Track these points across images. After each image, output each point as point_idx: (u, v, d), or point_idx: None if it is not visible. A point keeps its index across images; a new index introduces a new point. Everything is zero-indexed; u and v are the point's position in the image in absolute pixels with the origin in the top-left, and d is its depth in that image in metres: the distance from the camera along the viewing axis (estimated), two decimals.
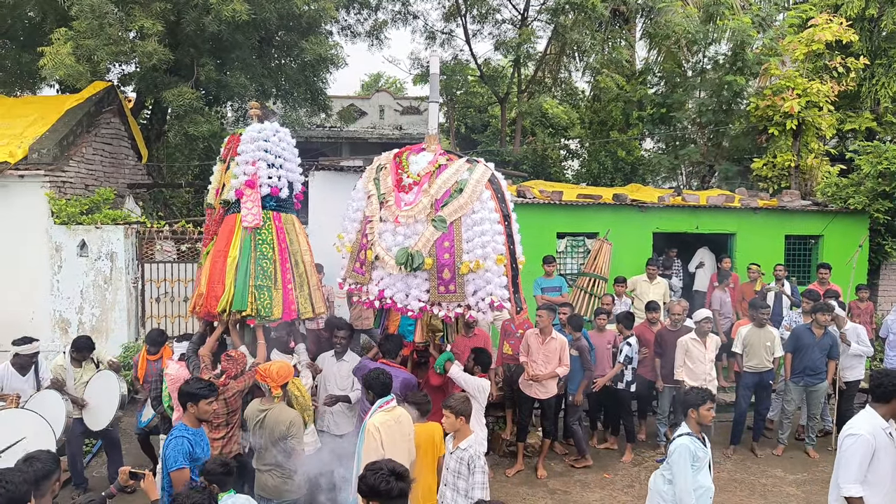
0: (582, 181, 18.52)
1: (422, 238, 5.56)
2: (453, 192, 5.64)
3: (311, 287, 6.18)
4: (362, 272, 5.95)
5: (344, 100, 21.84)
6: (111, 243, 9.63)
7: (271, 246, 5.92)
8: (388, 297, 5.70)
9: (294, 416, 5.09)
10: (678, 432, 4.85)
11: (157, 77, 11.79)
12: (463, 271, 5.47)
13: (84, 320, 9.65)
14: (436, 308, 5.59)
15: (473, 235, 5.54)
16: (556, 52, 19.04)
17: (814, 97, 13.10)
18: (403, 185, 5.86)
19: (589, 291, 10.01)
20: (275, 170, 6.04)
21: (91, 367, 7.01)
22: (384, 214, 5.83)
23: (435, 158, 5.94)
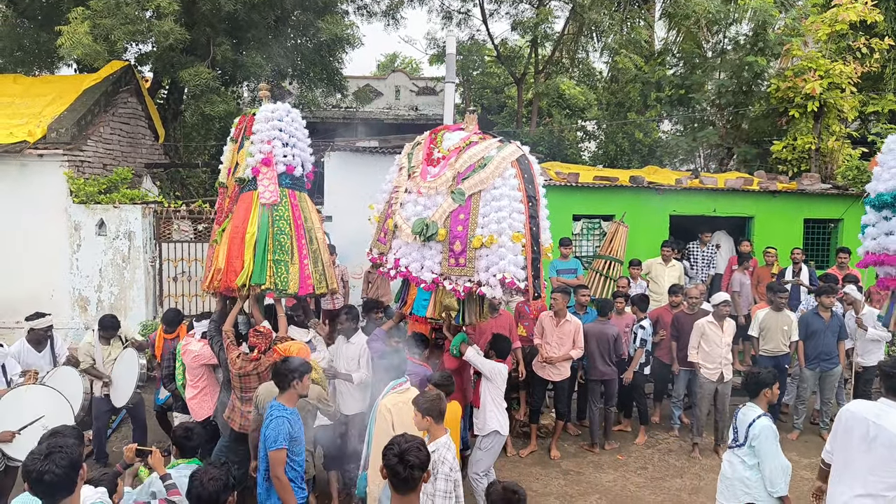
0: (599, 163, 18.39)
1: (439, 209, 5.58)
2: (477, 166, 5.60)
3: (324, 264, 6.23)
4: (384, 241, 6.02)
5: (359, 80, 21.75)
6: (129, 222, 9.72)
7: (288, 222, 5.98)
8: (403, 265, 5.74)
9: (319, 390, 5.14)
10: (753, 413, 4.64)
11: (173, 57, 11.82)
12: (475, 245, 5.43)
13: (103, 298, 9.77)
14: (447, 282, 5.56)
15: (490, 210, 5.48)
16: (573, 32, 18.82)
17: (836, 78, 12.87)
18: (433, 159, 5.89)
19: (605, 274, 9.97)
20: (289, 148, 6.12)
21: (118, 344, 7.15)
22: (409, 185, 5.90)
23: (468, 136, 5.93)
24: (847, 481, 4.20)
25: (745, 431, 4.60)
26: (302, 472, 4.53)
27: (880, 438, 4.04)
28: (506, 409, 6.16)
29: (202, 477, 3.37)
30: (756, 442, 4.53)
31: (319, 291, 6.19)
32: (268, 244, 5.83)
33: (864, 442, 4.11)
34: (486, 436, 5.95)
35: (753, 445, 4.55)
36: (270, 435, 4.29)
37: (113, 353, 7.05)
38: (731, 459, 4.72)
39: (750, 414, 4.67)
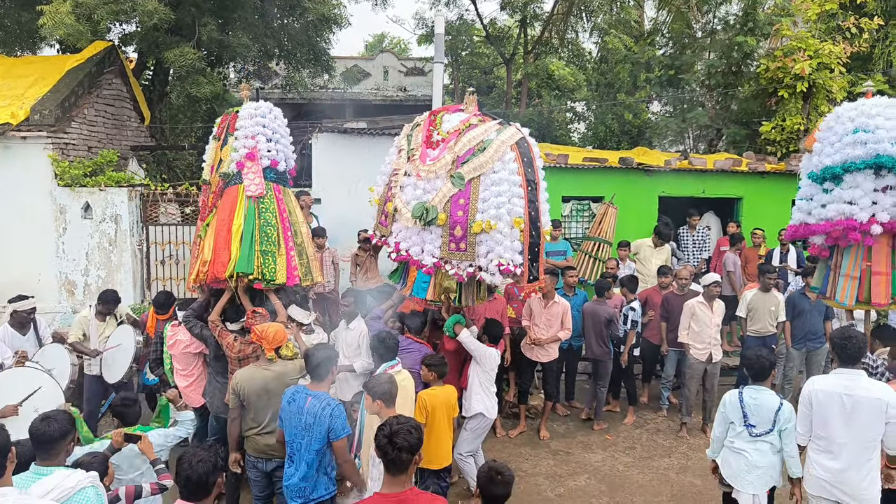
0: (588, 144, 18.38)
1: (439, 193, 5.55)
2: (476, 150, 5.57)
3: (308, 258, 6.32)
4: (385, 224, 6.03)
5: (347, 60, 21.57)
6: (115, 205, 9.62)
7: (274, 214, 6.07)
8: (403, 249, 5.74)
9: (300, 365, 5.10)
10: (772, 398, 4.64)
11: (158, 37, 11.64)
12: (475, 230, 5.41)
13: (90, 282, 9.69)
14: (448, 266, 5.57)
15: (490, 195, 5.45)
16: (563, 12, 18.71)
17: (825, 59, 12.86)
18: (432, 142, 5.86)
19: (594, 256, 9.99)
20: (273, 144, 6.28)
21: (113, 322, 7.23)
22: (409, 168, 5.87)
23: (468, 118, 5.88)
24: (833, 457, 4.37)
25: (772, 417, 4.59)
26: None
27: (859, 407, 4.26)
28: (495, 393, 6.19)
29: (191, 459, 3.35)
30: (788, 426, 4.59)
31: (305, 284, 6.26)
32: (255, 235, 5.90)
33: (842, 415, 4.30)
34: (472, 417, 6.02)
35: (784, 429, 4.59)
36: (338, 424, 4.25)
37: (107, 330, 7.10)
38: (759, 448, 4.65)
39: (769, 399, 4.66)
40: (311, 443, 4.28)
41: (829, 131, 5.61)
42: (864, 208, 5.23)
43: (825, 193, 5.56)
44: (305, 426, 4.30)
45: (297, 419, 4.33)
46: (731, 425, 4.78)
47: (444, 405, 5.17)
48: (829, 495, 4.44)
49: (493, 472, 3.42)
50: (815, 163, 5.66)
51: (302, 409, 4.34)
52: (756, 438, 4.64)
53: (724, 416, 4.81)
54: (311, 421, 4.28)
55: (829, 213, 5.42)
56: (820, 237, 5.54)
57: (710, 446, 5.02)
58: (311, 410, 4.29)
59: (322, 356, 4.52)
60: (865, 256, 5.39)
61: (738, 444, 4.73)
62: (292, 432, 4.37)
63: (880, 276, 5.31)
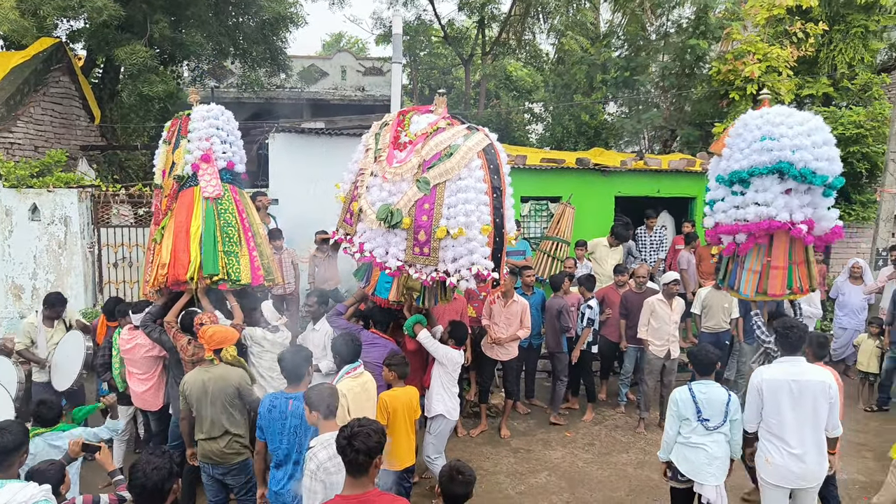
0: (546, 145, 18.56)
1: (404, 197, 5.52)
2: (443, 155, 5.54)
3: (267, 258, 6.33)
4: (350, 223, 5.98)
5: (304, 60, 21.33)
6: (64, 207, 9.34)
7: (233, 215, 6.05)
8: (367, 250, 5.70)
9: (241, 373, 5.08)
10: (720, 392, 4.80)
11: (107, 34, 11.34)
12: (438, 235, 5.40)
13: (38, 286, 9.39)
14: (412, 269, 5.55)
15: (456, 202, 5.43)
16: (520, 13, 18.86)
17: (774, 62, 13.25)
18: (400, 143, 5.82)
19: (552, 255, 10.09)
20: (228, 146, 6.28)
21: (62, 327, 6.96)
22: (375, 169, 5.82)
23: (436, 121, 5.86)
24: (791, 444, 4.57)
25: (723, 409, 4.75)
26: None
27: (806, 392, 4.53)
28: (457, 394, 6.19)
29: (144, 468, 3.23)
30: (737, 416, 4.78)
31: (268, 283, 6.25)
32: (216, 236, 5.86)
33: (791, 401, 4.55)
34: (433, 418, 6.01)
35: (734, 419, 4.78)
36: None
37: (56, 335, 6.85)
38: (716, 439, 4.78)
39: (718, 392, 4.81)
40: (303, 443, 4.20)
41: (738, 138, 5.86)
42: (779, 209, 5.51)
43: (735, 196, 5.81)
44: (292, 429, 4.25)
45: (281, 424, 4.27)
46: (684, 422, 4.85)
47: (405, 406, 5.16)
48: (788, 483, 4.61)
49: (454, 472, 3.43)
50: (724, 167, 5.91)
51: (285, 413, 4.27)
52: (712, 431, 4.76)
53: (676, 414, 4.87)
54: (298, 422, 4.23)
55: (748, 214, 5.66)
56: (743, 235, 5.76)
57: (661, 448, 5.08)
58: (296, 412, 4.23)
59: (297, 358, 4.48)
60: (767, 252, 5.74)
61: (696, 438, 4.81)
62: (277, 438, 4.29)
63: (778, 270, 5.68)
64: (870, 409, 8.46)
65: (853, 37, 14.08)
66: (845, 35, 14.22)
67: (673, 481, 5.01)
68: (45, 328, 6.83)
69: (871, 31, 14.13)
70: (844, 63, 14.24)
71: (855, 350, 8.94)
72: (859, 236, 12.49)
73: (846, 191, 12.22)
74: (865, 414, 8.37)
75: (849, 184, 12.06)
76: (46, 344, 6.77)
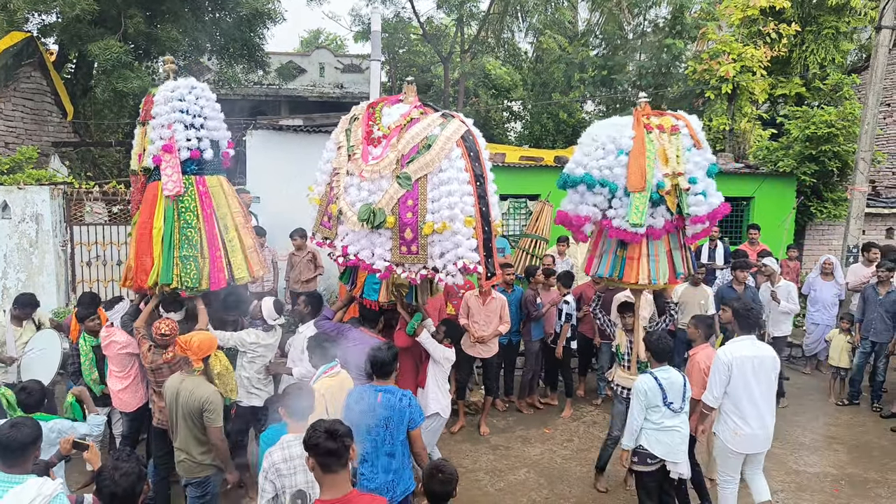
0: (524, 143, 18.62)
1: (385, 195, 5.34)
2: (421, 147, 5.36)
3: (246, 249, 5.91)
4: (329, 226, 5.78)
5: (282, 56, 21.18)
6: (36, 204, 9.18)
7: (195, 214, 5.61)
8: (352, 253, 5.52)
9: (210, 393, 4.68)
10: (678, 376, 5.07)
11: (80, 28, 11.15)
12: (426, 232, 5.25)
13: (9, 285, 9.22)
14: (399, 269, 5.40)
15: (440, 195, 5.29)
16: (499, 11, 18.90)
17: (748, 62, 13.44)
18: (373, 138, 5.63)
19: (531, 252, 10.14)
20: (193, 131, 5.65)
21: (31, 327, 6.71)
22: (351, 167, 5.61)
23: (408, 111, 5.68)
24: (753, 413, 5.06)
25: (682, 391, 5.02)
26: None
27: (763, 366, 5.03)
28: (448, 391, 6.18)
29: (112, 474, 3.15)
30: (689, 395, 5.08)
31: (242, 281, 5.88)
32: (174, 239, 5.51)
33: (753, 375, 5.01)
34: (427, 417, 5.96)
35: (688, 399, 5.07)
36: (416, 413, 4.29)
37: (24, 335, 6.60)
38: (682, 420, 5.06)
39: (677, 376, 5.04)
40: (394, 434, 4.25)
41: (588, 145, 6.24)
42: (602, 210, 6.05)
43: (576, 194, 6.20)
44: (383, 421, 4.25)
45: (370, 417, 4.25)
46: (653, 409, 5.00)
47: None
48: (753, 449, 5.13)
49: (435, 471, 3.43)
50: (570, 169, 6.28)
51: (374, 405, 4.27)
52: (678, 412, 5.01)
53: (645, 403, 5.01)
54: (389, 414, 4.25)
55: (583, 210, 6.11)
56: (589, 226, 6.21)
57: (625, 436, 5.20)
58: (387, 404, 4.26)
59: (389, 355, 4.50)
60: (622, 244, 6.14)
61: (668, 422, 5.00)
62: (363, 431, 4.23)
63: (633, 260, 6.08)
64: (841, 403, 8.62)
65: (825, 38, 14.35)
66: (817, 36, 14.48)
67: (641, 465, 5.12)
68: (13, 328, 6.59)
69: (841, 32, 14.41)
70: (816, 63, 14.51)
71: (827, 345, 9.10)
72: (831, 233, 12.72)
73: (818, 189, 12.43)
74: (837, 408, 8.52)
75: (821, 182, 12.30)
76: (15, 344, 6.57)
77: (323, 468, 3.12)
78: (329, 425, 3.16)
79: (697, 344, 5.85)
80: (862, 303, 8.62)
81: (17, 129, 10.60)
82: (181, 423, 4.68)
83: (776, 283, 8.62)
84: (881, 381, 8.43)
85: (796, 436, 7.58)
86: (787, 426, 7.82)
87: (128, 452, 3.32)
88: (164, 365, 5.21)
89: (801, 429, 7.79)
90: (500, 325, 7.54)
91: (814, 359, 9.93)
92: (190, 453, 4.70)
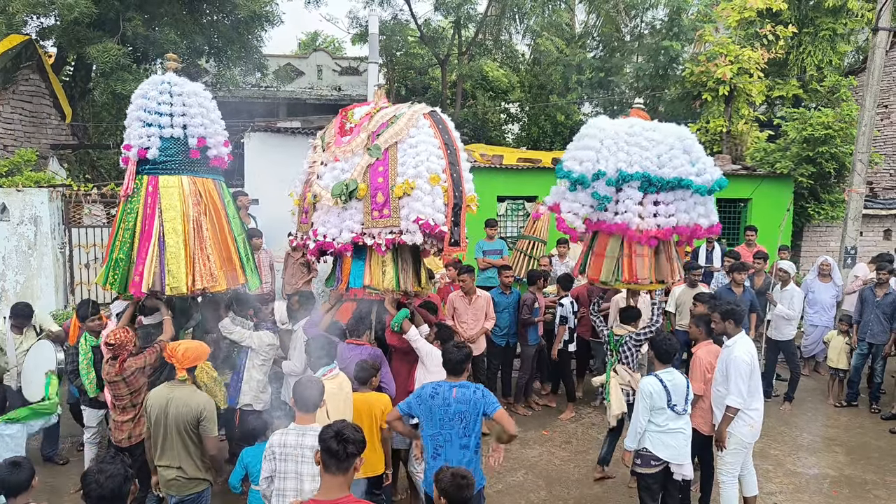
0: (522, 145, 18.63)
1: (357, 167, 5.50)
2: (389, 122, 5.59)
3: (208, 255, 5.44)
4: (306, 221, 5.88)
5: (280, 59, 21.17)
6: (34, 207, 9.18)
7: (135, 215, 5.40)
8: (321, 234, 5.60)
9: (206, 401, 4.52)
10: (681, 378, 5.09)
11: (79, 31, 11.15)
12: (397, 194, 5.36)
13: (7, 287, 9.22)
14: (367, 238, 5.45)
15: (408, 158, 5.45)
16: (496, 13, 18.92)
17: (745, 64, 13.47)
18: (345, 130, 5.84)
19: (529, 254, 10.14)
20: (146, 129, 5.43)
21: (32, 334, 6.72)
22: (325, 157, 5.78)
23: (377, 105, 5.92)
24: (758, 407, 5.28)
25: (685, 393, 5.01)
26: None
27: (757, 360, 5.29)
28: None
29: (97, 477, 3.11)
30: (690, 400, 5.07)
31: (172, 291, 5.30)
32: (116, 242, 5.42)
33: (755, 370, 5.22)
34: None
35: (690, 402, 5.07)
36: (490, 399, 4.37)
37: (25, 343, 6.61)
38: (687, 421, 5.05)
39: (681, 378, 5.04)
40: (469, 427, 4.36)
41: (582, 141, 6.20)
42: None
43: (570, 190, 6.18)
44: (457, 415, 4.35)
45: (444, 411, 4.36)
46: (658, 411, 4.95)
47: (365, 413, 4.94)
48: (756, 437, 5.36)
49: (458, 478, 3.34)
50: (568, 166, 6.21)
51: (448, 400, 4.37)
52: (682, 414, 4.98)
53: (648, 404, 4.96)
54: (465, 408, 4.35)
55: None
56: None
57: (628, 438, 5.19)
58: (462, 398, 4.36)
59: (461, 354, 4.52)
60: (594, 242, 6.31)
61: (673, 424, 4.97)
62: (437, 425, 4.38)
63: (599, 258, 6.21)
64: (839, 404, 8.63)
65: (822, 40, 14.39)
66: (814, 38, 14.51)
67: (645, 467, 5.10)
68: (13, 336, 6.60)
69: (838, 34, 14.45)
70: (813, 65, 14.54)
71: (825, 347, 9.11)
72: (828, 235, 12.75)
73: (816, 190, 12.46)
74: (835, 409, 8.54)
75: (818, 183, 12.32)
76: (16, 351, 6.56)
77: (324, 466, 3.15)
78: (341, 428, 3.16)
79: (700, 341, 5.85)
80: (860, 304, 8.63)
81: (16, 132, 10.59)
82: (174, 436, 4.44)
83: (787, 284, 8.64)
84: (879, 383, 8.45)
85: (794, 437, 7.60)
86: (786, 427, 7.84)
87: (112, 454, 3.31)
88: (118, 377, 4.97)
89: (799, 430, 7.81)
90: (485, 321, 7.61)
91: (812, 360, 9.95)
92: (182, 468, 4.48)
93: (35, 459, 6.67)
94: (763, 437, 7.46)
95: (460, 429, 4.37)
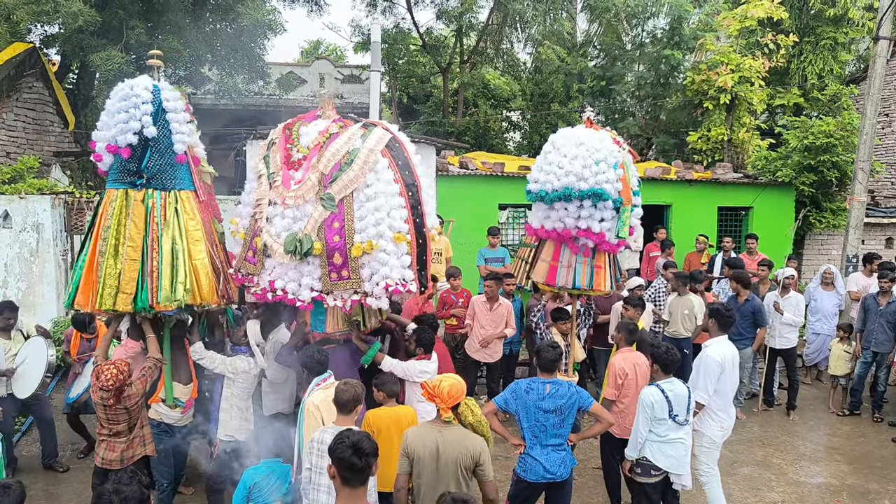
0: (523, 153, 18.66)
1: (310, 220, 4.98)
2: (343, 164, 5.00)
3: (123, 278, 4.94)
4: (254, 261, 5.25)
5: (283, 67, 21.23)
6: (37, 214, 9.19)
7: (90, 230, 5.25)
8: (279, 288, 5.08)
9: (482, 443, 4.18)
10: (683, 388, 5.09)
11: (83, 39, 11.21)
12: (355, 254, 4.90)
13: (9, 294, 9.21)
14: (330, 298, 5.02)
15: (367, 213, 4.95)
16: (498, 22, 19.00)
17: (746, 73, 13.50)
18: (292, 161, 5.21)
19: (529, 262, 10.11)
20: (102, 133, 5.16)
21: (20, 338, 6.70)
22: (273, 196, 5.18)
23: (326, 127, 5.28)
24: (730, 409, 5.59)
25: (686, 403, 5.01)
26: None
27: (734, 362, 5.54)
28: None
29: (112, 499, 2.97)
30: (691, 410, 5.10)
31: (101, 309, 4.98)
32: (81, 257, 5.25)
33: (732, 373, 5.51)
34: None
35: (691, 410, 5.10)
36: (585, 395, 4.90)
37: (14, 347, 6.56)
38: (687, 431, 5.08)
39: (682, 388, 5.02)
40: (565, 419, 4.84)
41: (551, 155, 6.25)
42: None
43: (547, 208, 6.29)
44: (555, 409, 4.79)
45: (538, 405, 4.79)
46: (659, 422, 4.92)
47: (389, 427, 4.81)
48: (725, 438, 5.62)
49: (459, 502, 3.28)
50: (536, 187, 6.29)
51: (543, 394, 4.80)
52: (683, 424, 4.97)
53: (649, 415, 4.93)
54: (562, 403, 4.79)
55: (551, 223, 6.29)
56: None
57: (629, 447, 5.17)
58: (556, 393, 4.81)
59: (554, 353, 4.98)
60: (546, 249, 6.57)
61: (673, 434, 4.95)
62: (533, 417, 4.83)
63: (544, 263, 6.56)
64: (842, 413, 8.61)
65: (823, 48, 14.42)
66: (815, 47, 14.55)
67: (644, 477, 5.08)
68: (2, 340, 6.54)
69: (839, 43, 14.49)
70: (814, 74, 14.57)
71: (829, 355, 9.07)
72: (830, 243, 12.74)
73: (817, 199, 12.46)
74: (837, 418, 8.51)
75: (819, 192, 12.33)
76: (5, 356, 6.52)
77: (343, 481, 3.08)
78: (357, 440, 3.08)
79: (621, 347, 6.05)
80: (863, 313, 8.61)
81: (19, 139, 10.63)
82: (449, 482, 4.02)
83: (787, 294, 8.60)
84: (882, 392, 8.42)
85: (797, 446, 7.57)
86: (788, 436, 7.82)
87: (129, 474, 3.15)
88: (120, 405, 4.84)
89: (801, 439, 7.78)
90: (506, 328, 7.74)
91: (814, 369, 9.92)
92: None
93: (35, 468, 6.70)
94: (765, 446, 7.48)
95: (556, 420, 4.80)
